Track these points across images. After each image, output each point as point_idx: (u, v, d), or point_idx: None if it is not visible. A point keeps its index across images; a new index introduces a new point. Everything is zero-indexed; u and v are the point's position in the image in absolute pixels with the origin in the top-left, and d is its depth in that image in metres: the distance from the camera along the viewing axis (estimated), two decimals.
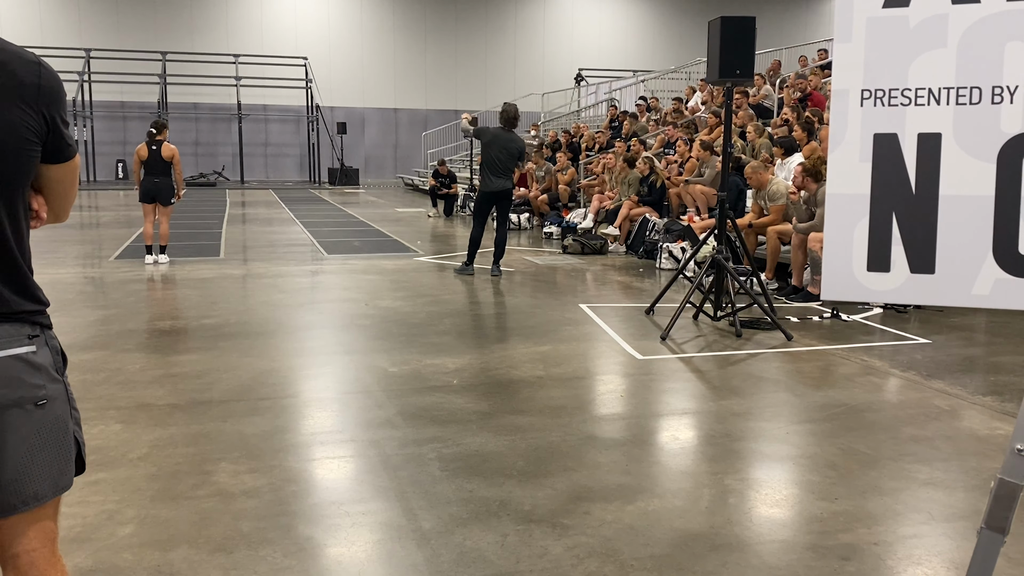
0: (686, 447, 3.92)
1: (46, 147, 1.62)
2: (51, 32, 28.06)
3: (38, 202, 1.70)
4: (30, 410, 1.63)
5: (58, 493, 1.71)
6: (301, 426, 4.08)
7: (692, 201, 10.82)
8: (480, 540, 2.93)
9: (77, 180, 1.76)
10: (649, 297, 7.54)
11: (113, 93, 28.35)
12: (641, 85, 21.28)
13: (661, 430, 4.15)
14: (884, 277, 1.57)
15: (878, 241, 1.56)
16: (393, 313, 6.82)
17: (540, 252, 11.18)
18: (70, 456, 1.73)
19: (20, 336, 1.62)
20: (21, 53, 1.57)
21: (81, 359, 5.26)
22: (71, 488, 3.24)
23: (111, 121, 28.85)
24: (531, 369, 5.16)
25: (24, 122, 1.55)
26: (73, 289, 7.78)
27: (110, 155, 28.76)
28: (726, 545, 2.92)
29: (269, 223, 14.69)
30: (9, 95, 1.53)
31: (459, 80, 31.86)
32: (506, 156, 8.85)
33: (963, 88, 1.57)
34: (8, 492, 1.63)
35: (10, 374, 1.60)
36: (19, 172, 1.58)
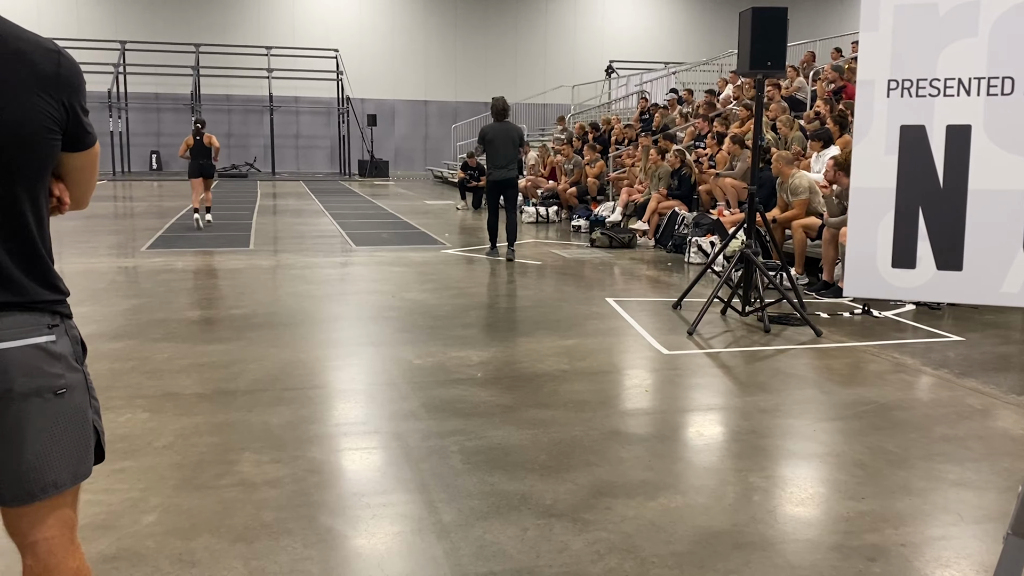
0: (711, 443, 3.88)
1: (66, 135, 1.63)
2: (88, 24, 28.44)
3: (60, 189, 1.71)
4: (49, 399, 1.64)
5: (77, 482, 1.72)
6: (325, 417, 4.10)
7: (722, 195, 10.71)
8: (500, 534, 2.91)
9: (97, 168, 1.77)
10: (677, 292, 7.46)
11: (147, 85, 28.69)
12: (672, 77, 21.11)
13: (686, 426, 4.11)
14: (909, 274, 1.53)
15: (904, 237, 1.51)
16: (419, 305, 6.83)
17: (568, 246, 11.13)
18: (89, 445, 1.74)
19: (40, 325, 1.63)
20: (41, 42, 1.57)
21: (110, 348, 5.32)
22: (96, 476, 3.28)
23: (145, 113, 29.21)
24: (556, 363, 5.14)
25: (45, 111, 1.56)
26: (105, 279, 7.88)
27: (144, 146, 29.12)
28: (749, 544, 2.88)
29: (299, 214, 14.78)
30: (29, 84, 1.53)
31: (489, 72, 31.82)
32: (508, 144, 9.55)
33: (994, 78, 1.50)
34: (27, 480, 1.64)
35: (29, 363, 1.61)
36: (41, 161, 1.58)
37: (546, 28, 32.39)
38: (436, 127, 31.56)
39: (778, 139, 10.72)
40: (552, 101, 28.85)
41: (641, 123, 16.56)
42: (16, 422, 1.60)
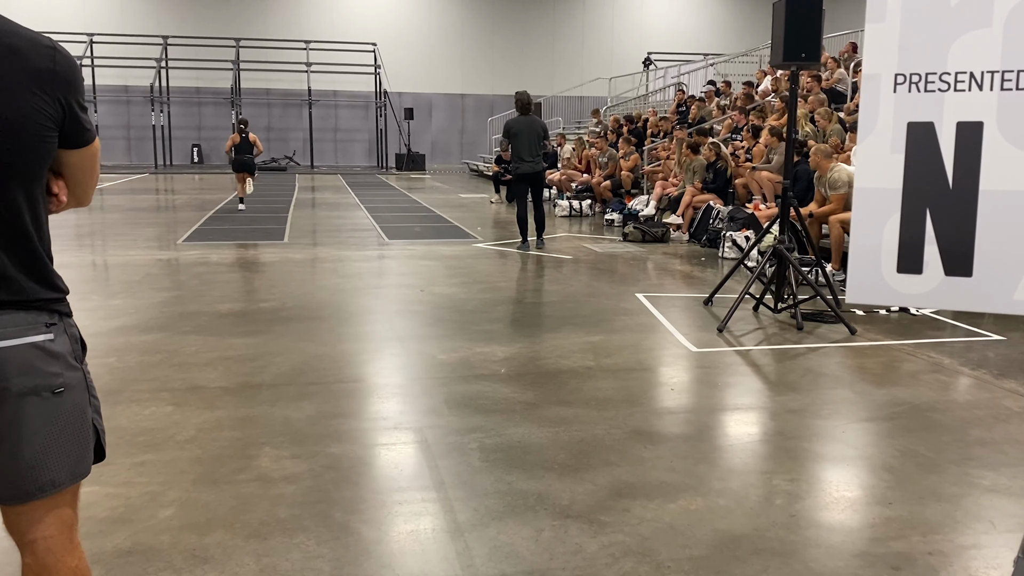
0: (736, 444, 3.80)
1: (63, 132, 1.62)
2: (131, 20, 28.91)
3: (58, 186, 1.70)
4: (47, 398, 1.64)
5: (75, 481, 1.72)
6: (347, 412, 4.09)
7: (759, 188, 10.53)
8: (514, 535, 2.88)
9: (97, 164, 1.76)
10: (709, 287, 7.35)
11: (189, 79, 29.10)
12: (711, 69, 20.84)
13: (711, 426, 4.03)
14: (916, 280, 1.45)
15: (910, 240, 1.43)
16: (448, 300, 6.81)
17: (600, 240, 11.05)
18: (88, 444, 1.74)
19: (37, 324, 1.62)
20: (36, 38, 1.56)
21: (141, 340, 5.38)
22: (117, 469, 3.31)
23: (186, 107, 29.63)
24: (580, 359, 5.08)
25: (40, 108, 1.55)
26: (141, 271, 7.99)
27: (185, 140, 29.56)
28: (769, 549, 2.81)
29: (334, 208, 14.87)
30: (24, 81, 1.52)
31: (526, 65, 31.73)
32: (533, 139, 9.69)
33: (1009, 72, 1.41)
34: (25, 479, 1.64)
35: (27, 362, 1.60)
36: (36, 159, 1.58)
37: (584, 20, 32.19)
38: (472, 120, 31.58)
39: (816, 132, 10.51)
40: (589, 94, 28.67)
41: (678, 115, 16.37)
42: (13, 421, 1.60)
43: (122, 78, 28.43)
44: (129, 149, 29.54)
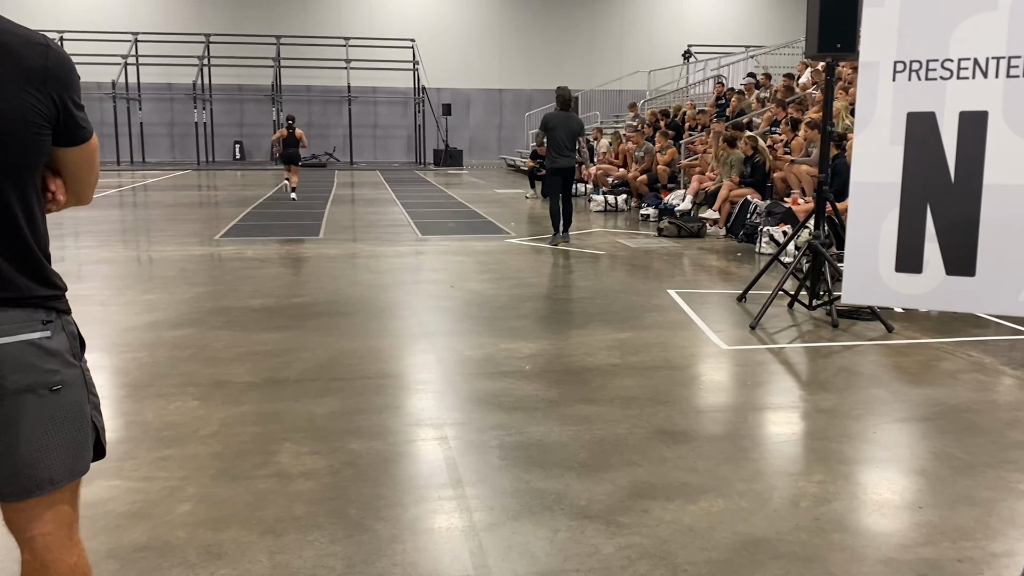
0: (762, 445, 3.71)
1: (58, 130, 1.61)
2: (175, 19, 29.36)
3: (55, 184, 1.70)
4: (44, 395, 1.64)
5: (74, 478, 1.72)
6: (369, 408, 4.09)
7: (797, 182, 10.34)
8: (529, 535, 2.84)
9: (96, 162, 1.75)
10: (744, 283, 7.23)
11: (231, 76, 29.46)
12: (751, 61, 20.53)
13: (737, 426, 3.95)
14: (915, 279, 1.37)
15: (909, 237, 1.35)
16: (477, 296, 6.79)
17: (635, 235, 10.94)
18: (87, 441, 1.73)
19: (34, 321, 1.62)
20: (29, 36, 1.56)
21: (171, 335, 5.44)
22: (139, 464, 3.34)
23: (229, 104, 30.03)
24: (607, 357, 5.02)
25: (32, 106, 1.54)
26: (176, 267, 8.10)
27: (228, 136, 29.95)
28: (790, 553, 2.73)
29: (371, 204, 14.95)
30: (16, 79, 1.52)
31: (564, 59, 31.57)
32: (569, 135, 9.83)
33: (1016, 58, 1.31)
34: (23, 476, 1.64)
35: (23, 359, 1.60)
36: (28, 157, 1.57)
37: (623, 13, 31.93)
38: (510, 115, 31.52)
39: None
40: (628, 87, 28.45)
41: (716, 108, 16.16)
42: (10, 418, 1.60)
43: (166, 76, 28.90)
44: (173, 146, 30.03)
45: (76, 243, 9.81)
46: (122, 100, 27.66)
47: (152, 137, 29.06)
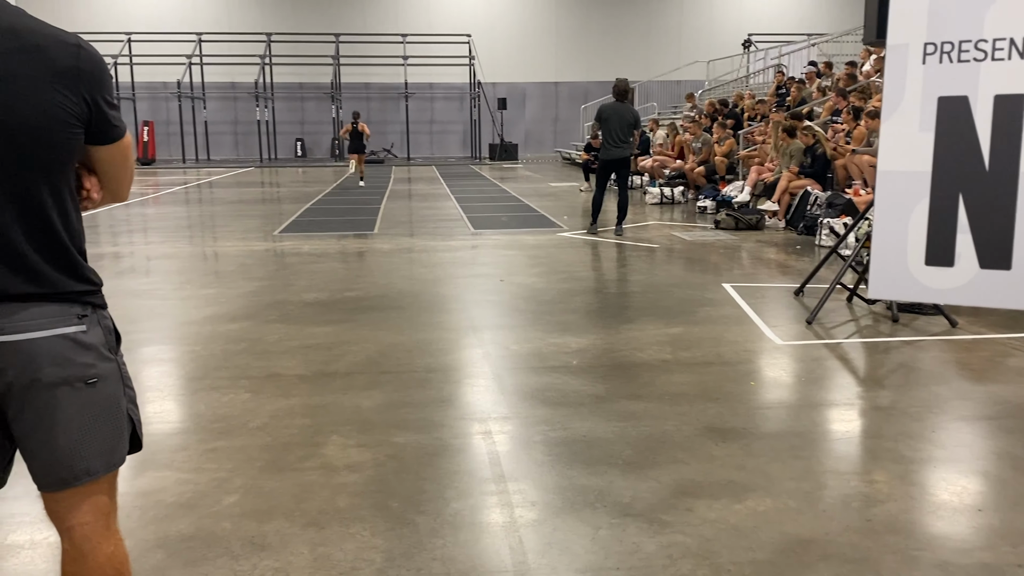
0: (814, 443, 3.61)
1: (90, 129, 1.64)
2: (237, 19, 29.99)
3: (90, 182, 1.73)
4: (80, 388, 1.67)
5: (110, 469, 1.75)
6: (414, 401, 4.10)
7: (859, 173, 10.05)
8: (570, 531, 2.81)
9: (130, 160, 1.78)
10: (802, 277, 7.06)
11: (292, 75, 30.00)
12: (813, 49, 20.04)
13: (789, 423, 3.85)
14: (947, 273, 1.29)
15: (940, 229, 1.28)
16: (526, 289, 6.77)
17: (691, 227, 10.78)
18: (122, 434, 1.76)
19: (69, 316, 1.65)
20: (60, 36, 1.59)
21: (227, 329, 5.55)
22: (189, 455, 3.41)
23: (290, 102, 30.57)
24: (657, 352, 4.95)
25: (63, 105, 1.57)
26: (235, 262, 8.27)
27: (289, 134, 30.51)
28: (839, 555, 2.65)
29: (425, 199, 15.05)
30: (47, 79, 1.55)
31: (621, 50, 31.30)
32: (624, 125, 9.89)
33: None
34: (61, 467, 1.68)
35: (59, 353, 1.64)
36: (60, 156, 1.60)
37: (682, 2, 31.50)
38: (566, 108, 31.40)
39: None
40: (686, 77, 28.07)
41: (777, 98, 15.81)
42: (47, 411, 1.64)
43: (229, 75, 29.55)
44: (236, 144, 30.71)
45: (143, 239, 10.09)
46: (187, 99, 28.37)
47: (216, 135, 29.76)
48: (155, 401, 4.16)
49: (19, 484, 2.04)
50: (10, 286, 1.58)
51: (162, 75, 28.78)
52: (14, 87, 1.51)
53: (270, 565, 2.61)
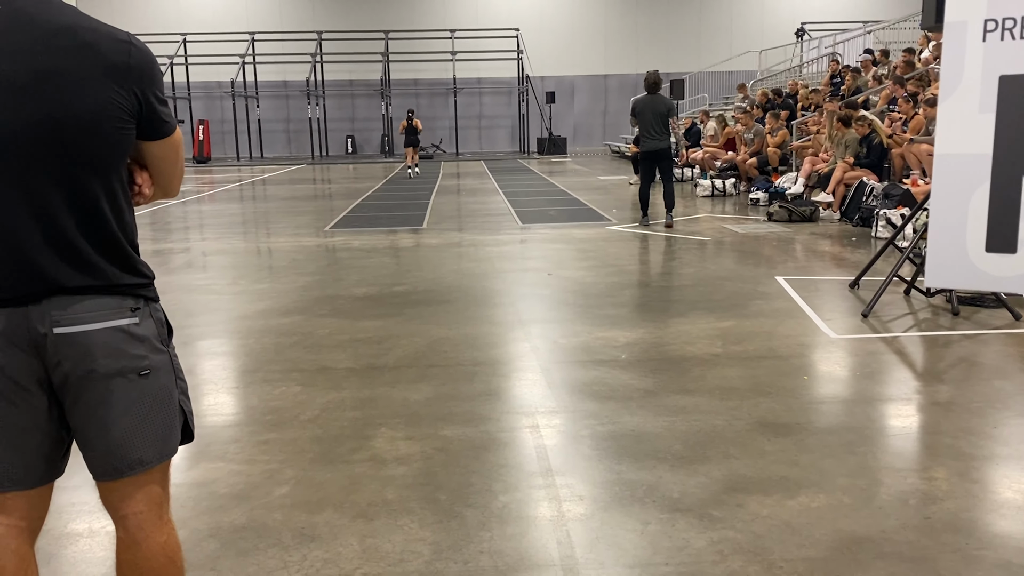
0: (870, 439, 3.52)
1: (141, 125, 1.66)
2: (289, 18, 30.42)
3: (142, 178, 1.76)
4: (133, 379, 1.70)
5: (163, 460, 1.78)
6: (462, 395, 4.11)
7: (917, 162, 9.79)
8: (618, 526, 2.79)
9: (180, 155, 1.80)
10: (858, 270, 6.90)
11: (342, 72, 30.33)
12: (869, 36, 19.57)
13: (844, 418, 3.76)
14: (1009, 260, 1.24)
15: (1001, 214, 1.23)
16: (574, 283, 6.74)
17: (743, 220, 10.62)
18: (174, 424, 1.79)
19: (122, 308, 1.69)
20: (112, 33, 1.61)
21: (279, 323, 5.63)
22: (242, 446, 3.46)
23: (340, 99, 30.92)
24: (707, 346, 4.88)
25: (115, 101, 1.60)
26: (288, 257, 8.39)
27: (340, 131, 30.86)
28: (896, 553, 2.58)
29: (473, 194, 15.09)
30: (99, 75, 1.57)
31: (671, 42, 30.97)
32: (656, 116, 10.02)
33: None
34: (115, 457, 1.71)
35: (113, 344, 1.67)
36: (112, 151, 1.63)
37: None
38: (615, 101, 31.17)
39: None
40: (737, 68, 27.65)
41: (831, 87, 15.48)
42: (101, 401, 1.68)
43: (281, 74, 30.00)
44: (288, 141, 31.17)
45: (199, 235, 10.31)
46: (240, 98, 28.87)
47: (269, 133, 30.25)
48: (209, 394, 4.24)
49: (77, 474, 2.09)
50: (65, 279, 1.62)
51: (216, 75, 29.35)
52: (68, 83, 1.55)
53: (320, 556, 2.64)
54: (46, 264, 1.60)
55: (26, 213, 1.58)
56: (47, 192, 1.58)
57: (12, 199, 1.57)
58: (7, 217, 1.57)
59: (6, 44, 1.53)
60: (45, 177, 1.58)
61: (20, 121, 1.53)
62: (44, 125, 1.54)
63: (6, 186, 1.56)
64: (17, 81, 1.53)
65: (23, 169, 1.56)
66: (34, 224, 1.59)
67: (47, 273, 1.61)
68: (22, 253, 1.59)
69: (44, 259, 1.60)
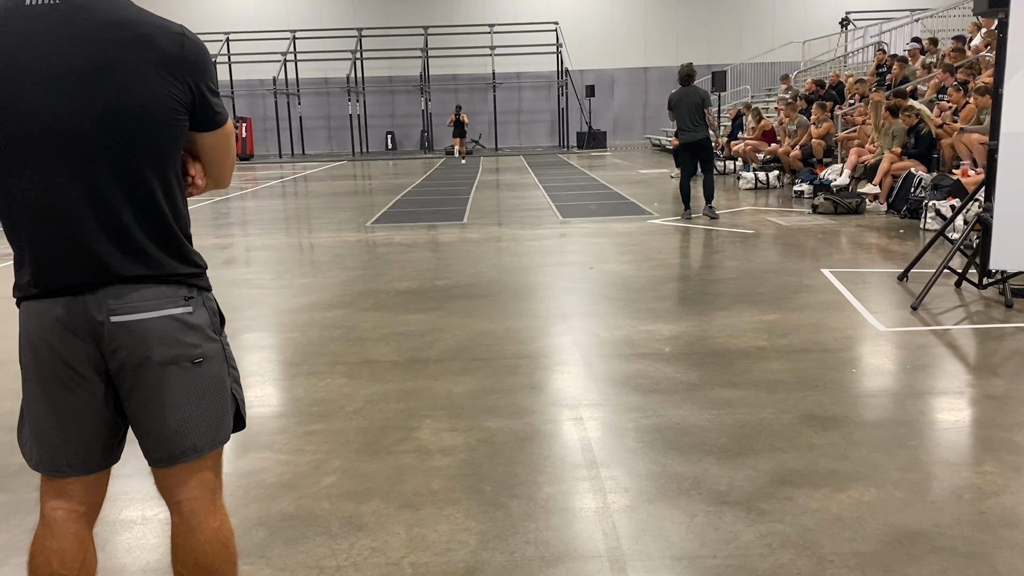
0: (922, 432, 3.45)
1: (194, 116, 1.69)
2: (330, 15, 30.68)
3: (195, 169, 1.79)
4: (187, 367, 1.73)
5: (215, 446, 1.81)
6: (505, 388, 4.12)
7: (967, 152, 9.56)
8: (665, 518, 2.77)
9: (232, 146, 1.83)
10: (906, 262, 6.76)
11: (382, 69, 30.50)
12: (916, 25, 19.15)
13: (894, 412, 3.70)
14: None
15: None
16: (616, 276, 6.71)
17: (787, 213, 10.48)
18: (227, 412, 1.82)
19: (176, 297, 1.72)
20: (165, 25, 1.64)
21: (323, 316, 5.69)
22: (289, 437, 3.50)
23: (380, 95, 31.10)
24: (752, 339, 4.83)
25: (169, 93, 1.62)
26: (330, 252, 8.47)
27: (380, 127, 31.04)
28: (950, 548, 2.53)
29: (512, 188, 15.09)
30: (155, 67, 1.60)
31: (713, 33, 30.61)
32: (692, 108, 9.99)
33: None
34: (169, 443, 1.75)
35: (167, 333, 1.70)
36: (167, 142, 1.66)
37: None
38: (656, 94, 30.90)
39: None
40: (780, 59, 27.24)
41: (877, 77, 15.19)
42: (156, 388, 1.71)
43: (322, 71, 30.26)
44: (329, 138, 31.45)
45: (243, 231, 10.46)
46: (282, 95, 29.20)
47: (311, 130, 30.55)
48: (256, 386, 4.30)
49: (131, 463, 2.13)
50: (122, 268, 1.65)
51: (259, 72, 29.71)
52: (125, 75, 1.57)
53: (367, 544, 2.67)
54: (104, 253, 1.64)
55: (85, 203, 1.61)
56: (105, 183, 1.62)
57: (71, 189, 1.60)
58: (67, 207, 1.61)
59: (66, 37, 1.56)
60: (104, 168, 1.61)
61: (79, 112, 1.57)
62: (103, 116, 1.57)
63: (66, 177, 1.60)
64: (77, 73, 1.56)
65: (82, 160, 1.59)
66: (93, 214, 1.62)
67: (105, 262, 1.64)
68: (81, 243, 1.63)
69: (102, 248, 1.64)
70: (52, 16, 1.57)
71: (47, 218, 1.62)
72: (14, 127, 1.57)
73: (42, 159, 1.59)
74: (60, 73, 1.56)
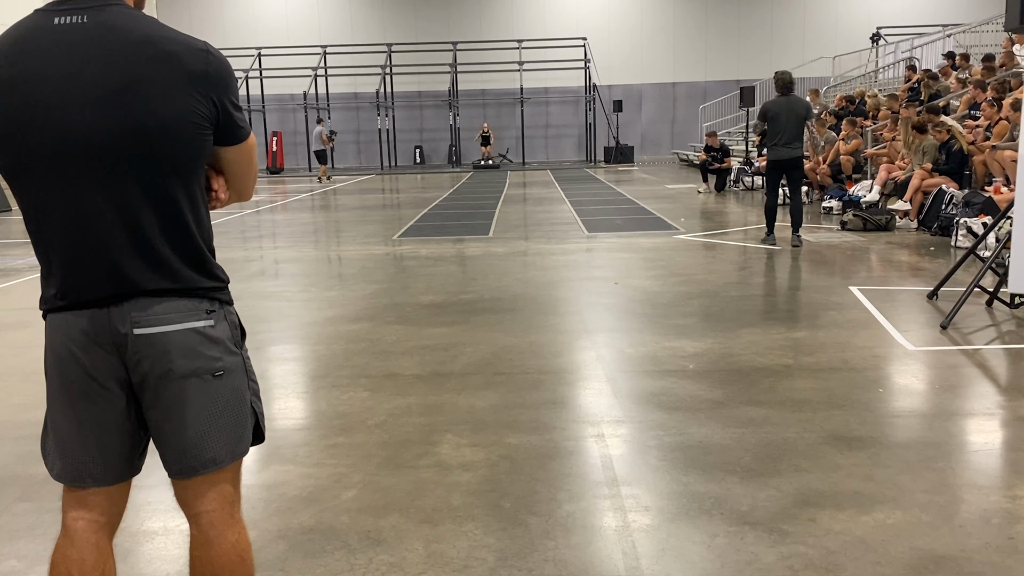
0: (950, 454, 3.39)
1: (218, 130, 1.71)
2: (360, 30, 31.02)
3: (218, 183, 1.81)
4: (208, 380, 1.74)
5: (235, 459, 1.82)
6: (528, 403, 4.11)
7: (1000, 169, 9.43)
8: (685, 538, 2.74)
9: (255, 160, 1.85)
10: (936, 280, 6.67)
11: (411, 84, 30.75)
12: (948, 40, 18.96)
13: (922, 433, 3.63)
14: None
15: None
16: (641, 292, 6.68)
17: (815, 229, 10.38)
18: (247, 425, 1.83)
19: (198, 311, 1.73)
20: (189, 42, 1.67)
21: (348, 329, 5.72)
22: (311, 450, 3.52)
23: (409, 110, 31.34)
24: (778, 357, 4.78)
25: (195, 108, 1.65)
26: (356, 265, 8.53)
27: (408, 142, 31.26)
28: (978, 573, 2.47)
29: (539, 203, 15.10)
30: (180, 83, 1.63)
31: (742, 48, 30.54)
32: (795, 120, 8.82)
33: None
34: (189, 455, 1.76)
35: (189, 346, 1.72)
36: (193, 156, 1.68)
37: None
38: (684, 109, 30.86)
39: None
40: (810, 74, 27.06)
41: (909, 93, 15.04)
42: (177, 401, 1.72)
43: (352, 86, 30.58)
44: (359, 152, 31.74)
45: (272, 243, 10.56)
46: (312, 110, 29.52)
47: (340, 144, 30.81)
48: (280, 398, 4.33)
49: (154, 474, 2.15)
50: (146, 281, 1.68)
51: (290, 87, 30.09)
52: (152, 92, 1.60)
53: (385, 560, 2.67)
54: (130, 267, 1.66)
55: (113, 217, 1.64)
56: (133, 197, 1.64)
57: (100, 204, 1.63)
58: (95, 222, 1.64)
59: (95, 56, 1.59)
60: (131, 183, 1.63)
61: (108, 128, 1.60)
62: (130, 132, 1.60)
63: (93, 191, 1.62)
64: (105, 90, 1.59)
65: (110, 175, 1.62)
66: (121, 228, 1.65)
67: (130, 276, 1.67)
68: (107, 256, 1.65)
69: (129, 262, 1.66)
70: (81, 35, 1.60)
71: (75, 232, 1.65)
72: (44, 144, 1.60)
73: (71, 175, 1.62)
74: (89, 91, 1.59)
